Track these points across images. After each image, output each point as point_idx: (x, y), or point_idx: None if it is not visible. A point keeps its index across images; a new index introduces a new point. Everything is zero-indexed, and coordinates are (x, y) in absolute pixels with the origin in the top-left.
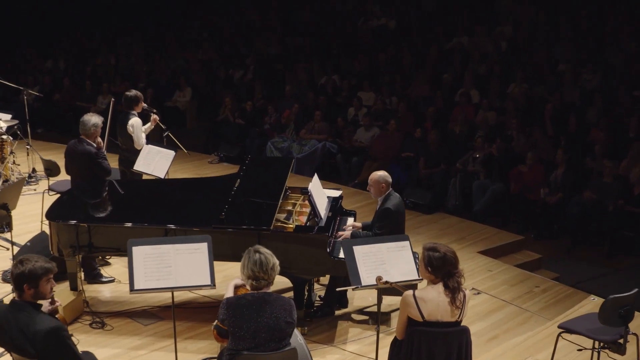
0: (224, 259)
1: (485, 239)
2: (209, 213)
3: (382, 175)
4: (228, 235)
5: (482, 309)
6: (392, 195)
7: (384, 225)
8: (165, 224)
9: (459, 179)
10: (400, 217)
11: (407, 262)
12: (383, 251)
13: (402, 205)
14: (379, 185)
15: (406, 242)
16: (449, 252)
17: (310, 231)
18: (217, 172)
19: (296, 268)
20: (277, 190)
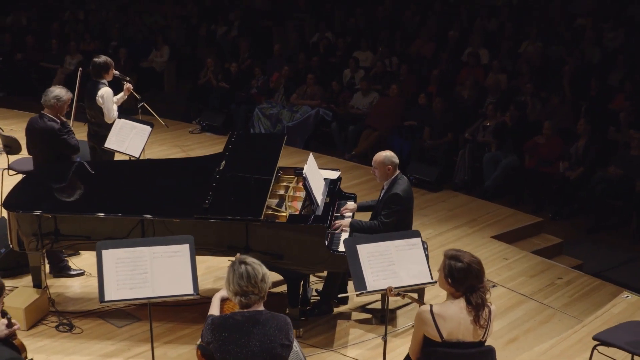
0: (209, 253)
1: (499, 221)
2: (190, 200)
3: (388, 156)
4: (212, 227)
5: (498, 305)
6: (400, 179)
7: (392, 213)
8: (141, 213)
9: (467, 150)
10: (409, 204)
11: (419, 263)
12: (391, 250)
13: (411, 191)
14: (384, 168)
15: (417, 239)
16: (474, 262)
17: (306, 221)
18: (199, 143)
19: (290, 263)
20: (268, 173)
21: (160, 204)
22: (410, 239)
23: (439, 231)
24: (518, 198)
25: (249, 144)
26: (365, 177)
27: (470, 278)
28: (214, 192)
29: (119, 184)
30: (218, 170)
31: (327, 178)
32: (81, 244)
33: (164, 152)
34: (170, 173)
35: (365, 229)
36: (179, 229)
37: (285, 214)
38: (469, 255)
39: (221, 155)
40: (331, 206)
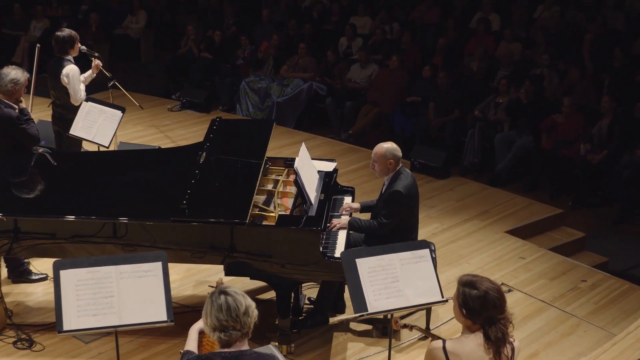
0: (188, 260)
1: (514, 213)
2: (167, 199)
3: (390, 148)
4: (192, 230)
5: (515, 312)
6: (403, 174)
7: (392, 212)
8: (111, 215)
9: (477, 130)
10: (413, 202)
11: (428, 278)
12: (395, 264)
13: (415, 187)
14: (386, 162)
15: (425, 250)
16: (492, 289)
17: (297, 224)
18: (178, 122)
19: (279, 271)
20: (255, 167)
21: (133, 204)
22: (417, 251)
23: (446, 225)
24: (534, 184)
25: (232, 133)
26: (365, 161)
27: (488, 308)
28: (192, 189)
29: (84, 180)
30: (198, 164)
31: (322, 171)
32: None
33: (139, 133)
34: (143, 166)
35: (363, 229)
36: (154, 231)
37: (275, 214)
38: (486, 281)
39: (201, 145)
40: (326, 204)
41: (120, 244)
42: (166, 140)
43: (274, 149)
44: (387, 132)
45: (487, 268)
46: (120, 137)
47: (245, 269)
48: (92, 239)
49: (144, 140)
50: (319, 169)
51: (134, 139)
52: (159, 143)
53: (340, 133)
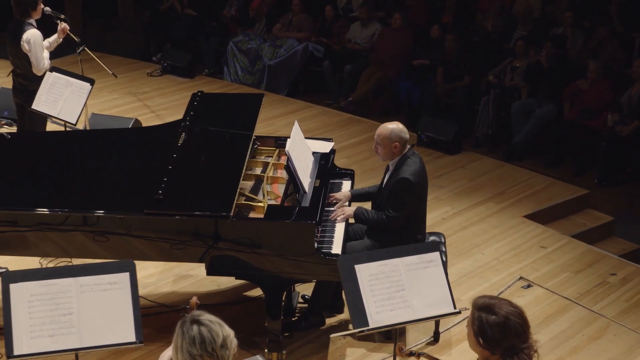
0: (166, 254)
1: (534, 195)
2: (140, 188)
3: (395, 130)
4: (169, 225)
5: (536, 312)
6: (410, 158)
7: (401, 204)
8: (77, 208)
9: (492, 98)
10: (422, 190)
11: (438, 285)
12: (400, 270)
13: (424, 173)
14: (390, 145)
15: (435, 254)
16: (514, 313)
17: (288, 217)
18: (159, 89)
19: (267, 271)
20: (241, 149)
21: (102, 193)
22: (425, 255)
23: (457, 209)
24: (555, 159)
25: (215, 109)
26: (367, 133)
27: (510, 336)
28: (169, 177)
29: (47, 165)
30: (176, 146)
31: (317, 152)
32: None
33: (114, 102)
34: (115, 149)
35: (371, 222)
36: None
37: (263, 204)
38: (506, 304)
39: (180, 124)
40: (322, 191)
41: (91, 231)
42: (144, 110)
43: (264, 121)
44: (391, 100)
45: (504, 259)
46: (93, 107)
47: (229, 268)
48: (58, 227)
49: (120, 110)
50: (314, 149)
51: (108, 108)
52: (136, 113)
53: (339, 100)
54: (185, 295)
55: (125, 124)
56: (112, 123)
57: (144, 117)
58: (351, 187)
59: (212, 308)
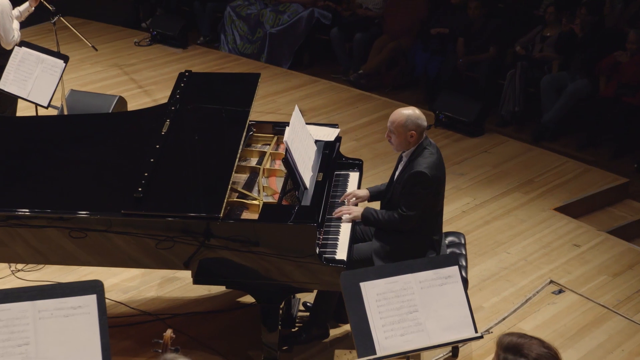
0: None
1: (566, 183)
2: (119, 184)
3: (411, 116)
4: (150, 227)
5: (568, 322)
6: (427, 149)
7: (416, 201)
8: (46, 207)
9: (519, 71)
10: (439, 185)
11: (456, 305)
12: (413, 288)
13: (442, 165)
14: (406, 134)
15: (453, 268)
16: (546, 356)
17: (286, 218)
18: (147, 60)
19: (262, 280)
20: (234, 137)
21: (74, 190)
22: (442, 270)
23: (479, 199)
24: (590, 140)
25: (205, 90)
26: (378, 112)
27: None
28: (151, 172)
29: (12, 156)
30: (159, 135)
31: (320, 140)
32: None
33: (96, 75)
34: (91, 138)
35: (382, 224)
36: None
37: (259, 202)
38: (537, 344)
39: (165, 108)
40: (325, 187)
41: (67, 227)
42: (130, 85)
43: (263, 98)
44: (407, 73)
45: (532, 260)
46: (72, 81)
47: (218, 276)
48: (30, 221)
49: (103, 85)
50: (317, 137)
51: (90, 83)
52: (121, 89)
53: (348, 73)
54: (172, 302)
55: (107, 103)
56: (93, 101)
57: (130, 94)
58: (359, 179)
59: (201, 317)
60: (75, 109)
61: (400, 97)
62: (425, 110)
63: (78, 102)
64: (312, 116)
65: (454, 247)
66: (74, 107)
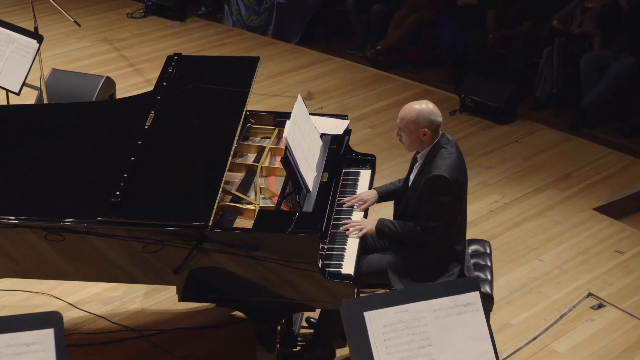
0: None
1: (609, 178)
2: (95, 186)
3: (424, 111)
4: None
5: (609, 342)
6: (445, 148)
7: (440, 211)
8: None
9: (557, 48)
10: (461, 189)
11: (476, 337)
12: (426, 317)
13: (462, 166)
14: (418, 132)
15: (474, 294)
16: None
17: (284, 227)
18: (140, 34)
19: (256, 298)
20: (228, 131)
21: (45, 191)
22: (461, 296)
23: (509, 197)
24: (635, 126)
25: (196, 77)
26: (397, 95)
27: None
28: (131, 173)
29: None
30: (142, 130)
31: (327, 134)
32: None
33: (83, 52)
34: (66, 132)
35: (401, 237)
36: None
37: (254, 206)
38: None
39: (150, 98)
40: (331, 189)
41: (43, 228)
42: (121, 62)
43: (269, 78)
44: (430, 50)
45: (568, 268)
46: (55, 59)
47: (207, 293)
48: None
49: (89, 63)
50: (323, 130)
51: (75, 61)
52: (110, 68)
53: (365, 48)
54: (159, 316)
55: (92, 84)
56: (76, 82)
57: (119, 73)
58: (371, 177)
59: (191, 333)
60: (56, 91)
61: (422, 77)
62: (450, 93)
63: (59, 83)
64: (322, 99)
65: (477, 257)
66: (55, 89)
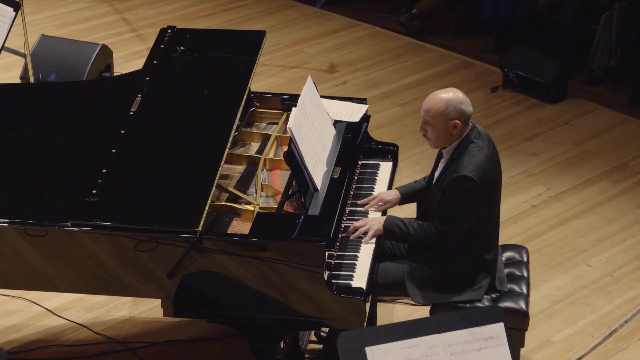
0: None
1: None
2: (69, 183)
3: (452, 100)
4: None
5: None
6: (475, 143)
7: (459, 215)
8: None
9: (617, 14)
10: (492, 190)
11: None
12: (439, 353)
13: (495, 164)
14: (447, 125)
15: (498, 325)
16: None
17: (285, 233)
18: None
19: (253, 315)
20: (225, 118)
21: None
22: (481, 328)
23: (556, 190)
24: None
25: (192, 53)
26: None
27: None
28: (111, 168)
29: None
30: (127, 116)
31: (342, 121)
32: None
33: (79, 14)
34: (39, 115)
35: (412, 239)
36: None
37: (254, 206)
38: None
39: (138, 78)
40: (344, 185)
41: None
42: (122, 27)
43: (288, 47)
44: (472, 14)
45: (620, 276)
46: (47, 23)
47: (197, 308)
48: None
49: (86, 28)
50: (336, 117)
51: (70, 24)
52: (108, 34)
53: (399, 12)
54: (148, 325)
55: (86, 53)
56: (69, 50)
57: (119, 40)
58: (392, 170)
59: (184, 346)
60: (45, 60)
61: (461, 46)
62: (492, 66)
63: (49, 52)
64: (346, 73)
65: (512, 266)
66: (44, 58)
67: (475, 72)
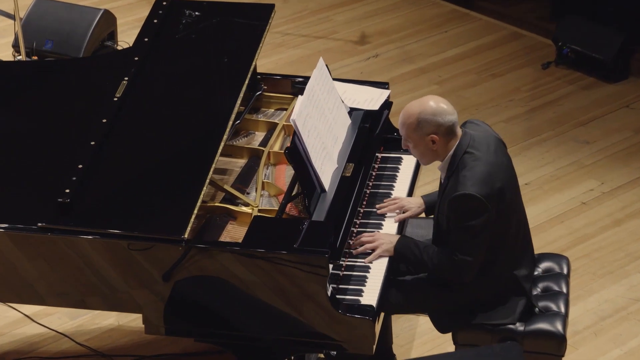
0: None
1: None
2: (41, 182)
3: (424, 112)
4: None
5: None
6: (470, 153)
7: (475, 240)
8: None
9: None
10: (506, 197)
11: None
12: None
13: (501, 164)
14: (423, 140)
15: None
16: None
17: (285, 243)
18: None
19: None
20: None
21: None
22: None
23: (610, 185)
24: None
25: (189, 30)
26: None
27: None
28: (88, 164)
29: None
30: (111, 102)
31: (358, 109)
32: None
33: None
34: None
35: (426, 268)
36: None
37: (252, 208)
38: None
39: (126, 58)
40: (356, 185)
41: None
42: None
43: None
44: None
45: None
46: None
47: (186, 326)
48: None
49: None
50: (354, 104)
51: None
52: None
53: None
54: (137, 336)
55: (86, 19)
56: (67, 15)
57: (125, 4)
58: (417, 165)
59: None
60: (40, 27)
61: (513, 13)
62: (545, 38)
63: (45, 17)
64: (378, 45)
65: (549, 279)
66: (39, 24)
67: (525, 44)
